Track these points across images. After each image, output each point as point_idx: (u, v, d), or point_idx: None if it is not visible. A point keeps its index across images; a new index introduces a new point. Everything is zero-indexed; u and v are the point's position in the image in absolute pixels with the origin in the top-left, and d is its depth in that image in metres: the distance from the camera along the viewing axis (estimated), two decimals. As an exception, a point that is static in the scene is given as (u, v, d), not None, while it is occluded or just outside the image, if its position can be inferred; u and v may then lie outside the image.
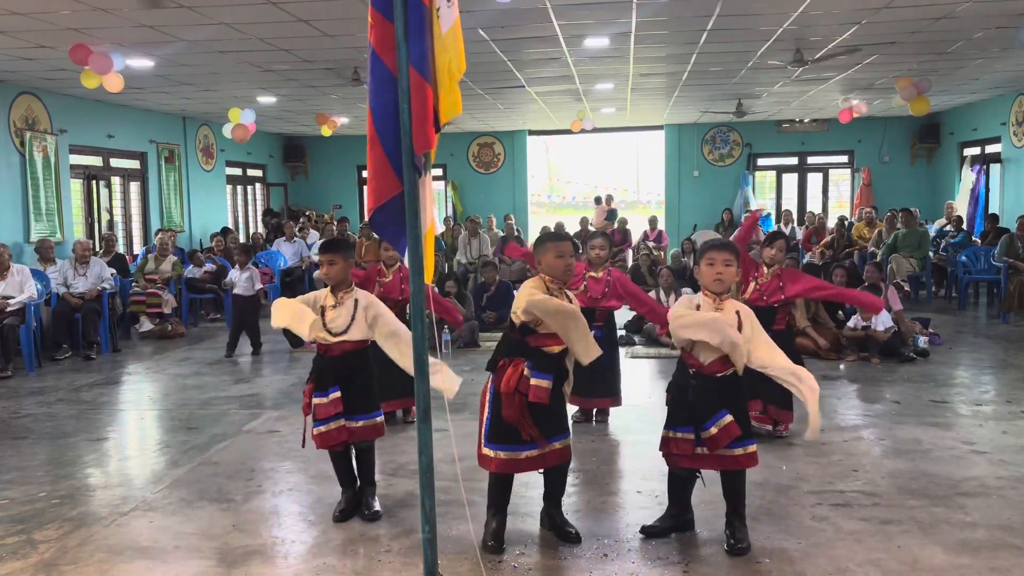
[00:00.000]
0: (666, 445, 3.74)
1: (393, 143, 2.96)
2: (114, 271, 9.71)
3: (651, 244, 13.95)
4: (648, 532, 3.85)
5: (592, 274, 5.57)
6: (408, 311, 6.08)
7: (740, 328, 3.59)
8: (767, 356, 3.61)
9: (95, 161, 11.96)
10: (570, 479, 4.05)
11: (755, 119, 15.46)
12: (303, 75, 9.94)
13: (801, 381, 3.55)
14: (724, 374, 3.62)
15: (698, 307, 3.68)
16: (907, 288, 11.25)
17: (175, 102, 12.11)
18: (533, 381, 3.51)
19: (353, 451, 4.25)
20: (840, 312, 8.39)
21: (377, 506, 4.19)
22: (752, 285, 5.32)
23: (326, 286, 4.21)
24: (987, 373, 7.30)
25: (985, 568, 3.47)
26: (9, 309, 7.91)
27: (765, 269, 5.32)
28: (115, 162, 12.44)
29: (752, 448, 3.68)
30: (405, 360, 3.91)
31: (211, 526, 4.07)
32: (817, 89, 11.97)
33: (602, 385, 5.69)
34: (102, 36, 7.52)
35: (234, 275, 9.12)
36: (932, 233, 12.61)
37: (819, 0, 6.88)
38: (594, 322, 5.42)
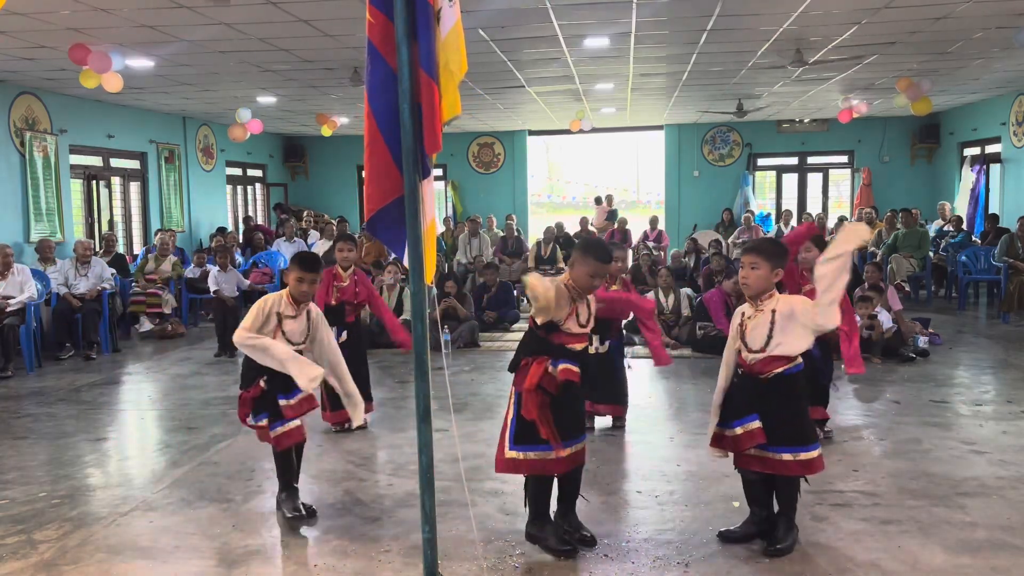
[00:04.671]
0: (719, 442, 3.73)
1: (399, 144, 2.93)
2: (114, 271, 9.71)
3: (651, 244, 13.95)
4: (727, 537, 3.76)
5: (615, 287, 5.39)
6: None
7: (773, 331, 3.53)
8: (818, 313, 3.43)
9: (95, 161, 11.96)
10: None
11: (755, 119, 15.46)
12: (303, 75, 9.94)
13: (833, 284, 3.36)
14: (767, 375, 3.57)
15: (743, 315, 3.66)
16: (907, 288, 11.25)
17: (175, 102, 12.11)
18: (562, 366, 3.49)
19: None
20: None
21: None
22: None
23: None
24: (987, 373, 7.30)
25: (985, 568, 3.47)
26: (9, 309, 7.90)
27: (809, 275, 4.86)
28: (115, 162, 12.45)
29: (804, 456, 3.55)
30: (343, 385, 4.19)
31: (211, 526, 4.07)
32: (817, 89, 11.97)
33: (611, 393, 5.53)
34: (102, 36, 7.52)
35: (216, 275, 9.39)
36: (932, 233, 12.61)
37: (819, 0, 6.89)
38: (609, 333, 5.29)
